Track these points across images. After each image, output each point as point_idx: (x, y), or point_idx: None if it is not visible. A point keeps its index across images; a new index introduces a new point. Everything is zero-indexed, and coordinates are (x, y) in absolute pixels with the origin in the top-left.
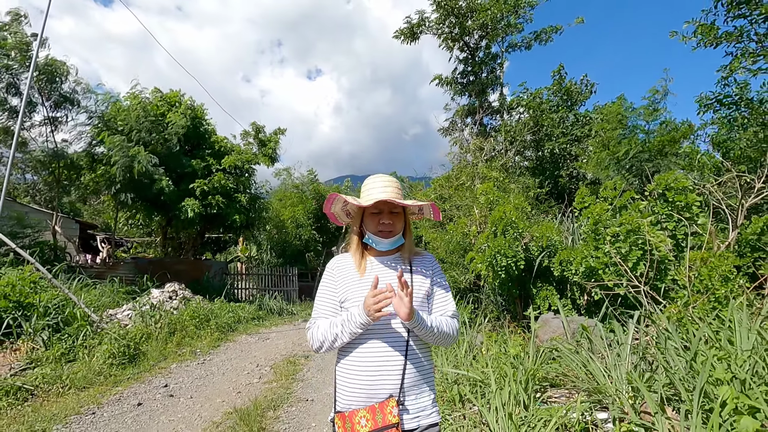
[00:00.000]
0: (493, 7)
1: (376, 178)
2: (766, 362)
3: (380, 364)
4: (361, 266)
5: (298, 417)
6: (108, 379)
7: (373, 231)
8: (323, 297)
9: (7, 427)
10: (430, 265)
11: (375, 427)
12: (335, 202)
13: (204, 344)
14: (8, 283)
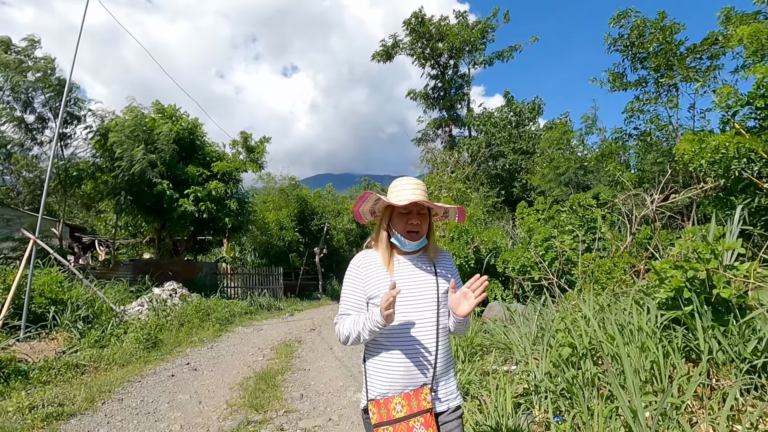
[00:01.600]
0: (461, 33)
1: (406, 180)
2: (596, 324)
3: (415, 355)
4: (390, 264)
5: (300, 379)
6: (140, 359)
7: (401, 231)
8: (350, 293)
9: (81, 389)
10: (450, 264)
11: (410, 411)
12: (367, 200)
13: (208, 334)
14: (43, 282)
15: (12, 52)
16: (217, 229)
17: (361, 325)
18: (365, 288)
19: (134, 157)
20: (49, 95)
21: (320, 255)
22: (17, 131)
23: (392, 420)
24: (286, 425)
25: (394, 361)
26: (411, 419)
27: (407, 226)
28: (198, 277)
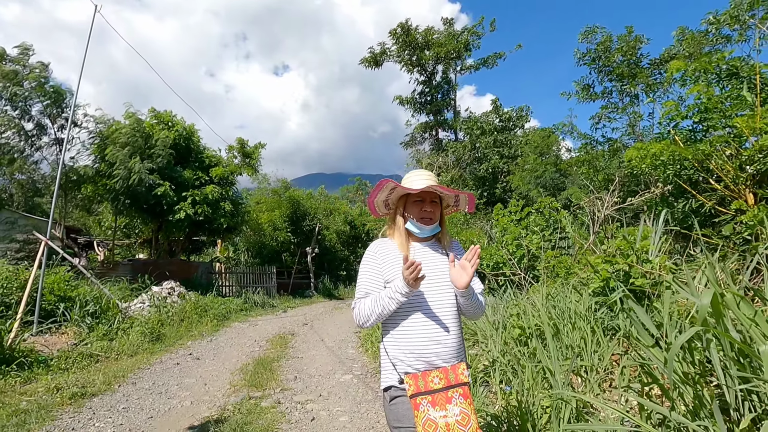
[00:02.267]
0: (447, 42)
1: (419, 171)
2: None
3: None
4: (405, 250)
5: (294, 365)
6: (146, 351)
7: (416, 217)
8: (369, 277)
9: (98, 375)
10: (460, 251)
11: (448, 384)
12: (383, 189)
13: (207, 329)
14: (52, 281)
15: (6, 62)
16: (212, 230)
17: (385, 300)
18: (383, 272)
19: (132, 169)
20: (45, 103)
21: (312, 254)
22: (18, 138)
23: (430, 390)
24: (282, 399)
25: (422, 341)
26: (450, 390)
27: (421, 212)
28: (194, 276)
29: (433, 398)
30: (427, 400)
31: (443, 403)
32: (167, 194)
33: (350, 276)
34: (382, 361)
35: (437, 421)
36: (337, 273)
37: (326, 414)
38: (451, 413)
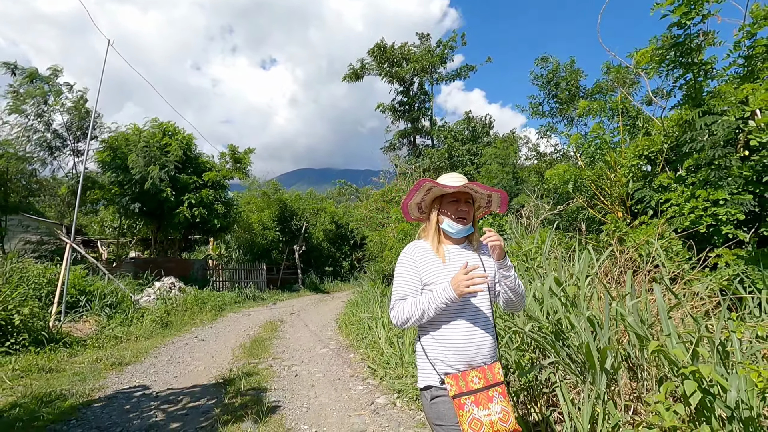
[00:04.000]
0: (421, 58)
1: (451, 174)
2: None
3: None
4: (440, 252)
5: (283, 343)
6: (158, 335)
7: (452, 215)
8: (406, 279)
9: (126, 351)
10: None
11: (488, 383)
12: (420, 190)
13: (207, 318)
14: (73, 277)
15: (37, 80)
16: (206, 230)
17: (426, 304)
18: (421, 274)
19: (150, 174)
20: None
21: (299, 252)
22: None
23: (472, 390)
24: (273, 364)
25: (460, 342)
26: (490, 389)
27: (458, 211)
28: (190, 272)
29: (476, 398)
30: (471, 400)
31: (486, 402)
32: (168, 198)
33: (336, 272)
34: (419, 361)
35: (482, 420)
36: (323, 269)
37: (306, 372)
38: (493, 411)
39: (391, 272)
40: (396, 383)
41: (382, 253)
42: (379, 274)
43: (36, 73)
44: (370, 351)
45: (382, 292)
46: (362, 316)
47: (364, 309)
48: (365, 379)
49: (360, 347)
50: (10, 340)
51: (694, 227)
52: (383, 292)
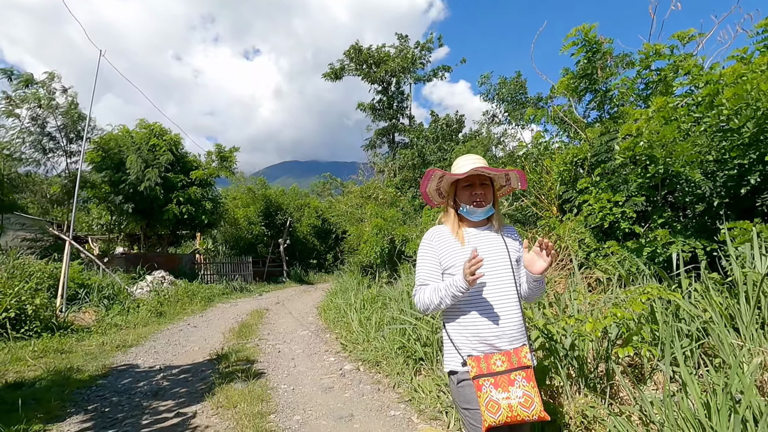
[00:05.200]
0: (396, 59)
1: (466, 156)
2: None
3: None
4: (459, 235)
5: (268, 327)
6: (154, 323)
7: (467, 202)
8: (427, 265)
9: (128, 336)
10: (515, 234)
11: (511, 366)
12: (432, 178)
13: (197, 308)
14: (72, 272)
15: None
16: (194, 226)
17: (443, 292)
18: (440, 259)
19: (146, 176)
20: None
21: (284, 245)
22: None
23: (493, 372)
24: (260, 344)
25: (483, 325)
26: (513, 372)
27: (472, 197)
28: (179, 266)
29: (496, 380)
30: (490, 382)
31: (506, 385)
32: (158, 196)
33: (320, 264)
34: (445, 346)
35: (500, 402)
36: (308, 261)
37: (288, 349)
38: (513, 395)
39: (368, 263)
40: (362, 354)
41: (359, 246)
42: (357, 265)
43: (32, 78)
44: (344, 331)
45: (359, 281)
46: (339, 303)
47: (341, 297)
48: (337, 352)
49: (336, 329)
50: (25, 327)
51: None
52: (360, 281)
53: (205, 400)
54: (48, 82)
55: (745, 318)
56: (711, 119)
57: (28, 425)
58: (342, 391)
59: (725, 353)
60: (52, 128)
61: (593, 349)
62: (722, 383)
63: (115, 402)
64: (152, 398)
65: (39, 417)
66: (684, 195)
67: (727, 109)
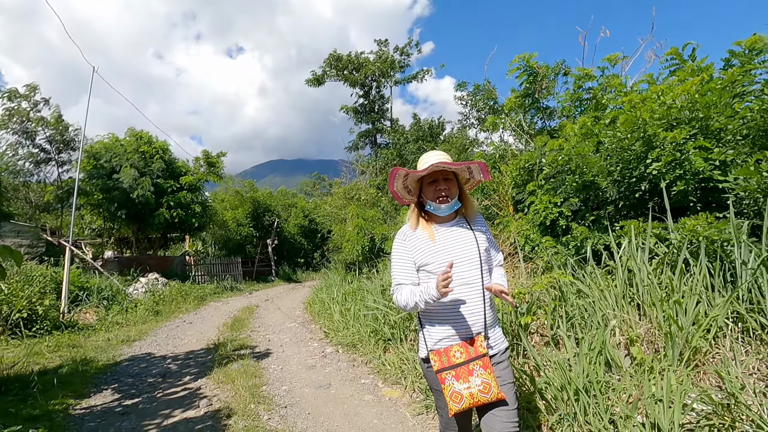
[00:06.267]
0: (375, 64)
1: (430, 152)
2: None
3: (467, 309)
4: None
5: (258, 321)
6: (152, 320)
7: (431, 199)
8: (401, 267)
9: (130, 332)
10: (483, 224)
11: (469, 357)
12: (397, 177)
13: (191, 306)
14: (73, 276)
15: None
16: (184, 229)
17: (417, 296)
18: (414, 257)
19: (140, 184)
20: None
21: (272, 245)
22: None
23: (453, 365)
24: (252, 335)
25: (449, 317)
26: (470, 363)
27: (436, 192)
28: (170, 268)
29: (457, 372)
30: (452, 375)
31: (466, 376)
32: (150, 201)
33: (308, 262)
34: (419, 335)
35: (462, 393)
36: (296, 260)
37: (276, 338)
38: (473, 384)
39: (352, 261)
40: (341, 340)
41: (343, 245)
42: (342, 262)
43: (16, 92)
44: (327, 321)
45: (342, 277)
46: (323, 297)
47: (326, 292)
48: (320, 339)
49: (320, 320)
50: (36, 326)
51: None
52: (343, 278)
53: (207, 378)
54: (30, 94)
55: (615, 293)
56: (611, 138)
57: (63, 400)
58: (323, 368)
59: (596, 318)
60: (41, 140)
61: (509, 321)
62: (588, 338)
63: (131, 383)
64: (162, 379)
65: (69, 395)
66: (598, 198)
67: (620, 132)
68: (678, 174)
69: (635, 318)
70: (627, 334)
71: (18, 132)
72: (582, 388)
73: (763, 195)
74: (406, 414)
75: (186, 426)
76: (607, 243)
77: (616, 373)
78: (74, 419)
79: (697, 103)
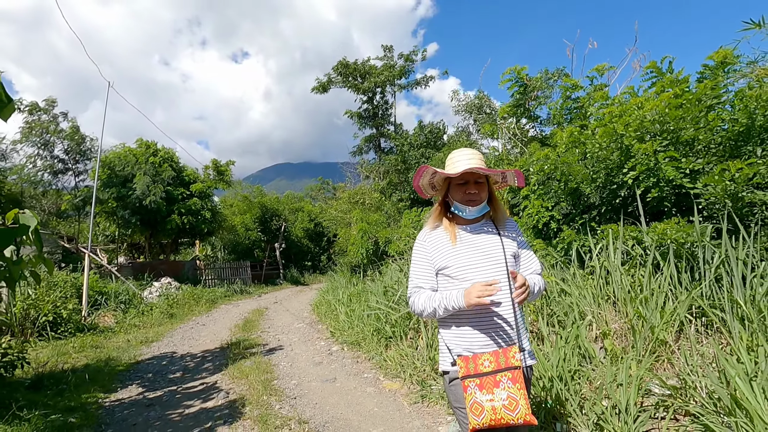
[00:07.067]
0: (382, 72)
1: (462, 150)
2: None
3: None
4: (451, 233)
5: (268, 322)
6: (167, 323)
7: (459, 200)
8: (420, 269)
9: (148, 333)
10: (514, 229)
11: (498, 367)
12: (424, 174)
13: (203, 309)
14: (91, 281)
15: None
16: (194, 234)
17: (437, 302)
18: (433, 260)
19: (152, 192)
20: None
21: (280, 249)
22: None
23: (480, 373)
24: (262, 335)
25: (474, 327)
26: (498, 374)
27: (465, 195)
28: (182, 272)
29: (481, 381)
30: (475, 383)
31: (491, 387)
32: (161, 208)
33: (314, 265)
34: (439, 345)
35: (483, 405)
36: (303, 263)
37: (286, 338)
38: (497, 397)
39: (357, 264)
40: (346, 338)
41: (348, 248)
42: (347, 265)
43: (36, 105)
44: (333, 321)
45: (348, 279)
46: (329, 299)
47: (332, 294)
48: (327, 339)
49: (326, 321)
50: (61, 328)
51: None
52: (348, 280)
53: (222, 374)
54: (49, 108)
55: (594, 292)
56: (592, 148)
57: (93, 394)
58: (329, 365)
59: (575, 315)
60: (59, 151)
61: None
62: (565, 334)
63: (152, 379)
64: (181, 375)
65: (98, 390)
66: (584, 203)
67: (599, 142)
68: (652, 182)
69: (611, 314)
70: (601, 329)
71: (37, 144)
72: (557, 376)
73: (731, 200)
74: (404, 403)
75: (206, 414)
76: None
77: (590, 363)
78: (105, 410)
79: (667, 116)
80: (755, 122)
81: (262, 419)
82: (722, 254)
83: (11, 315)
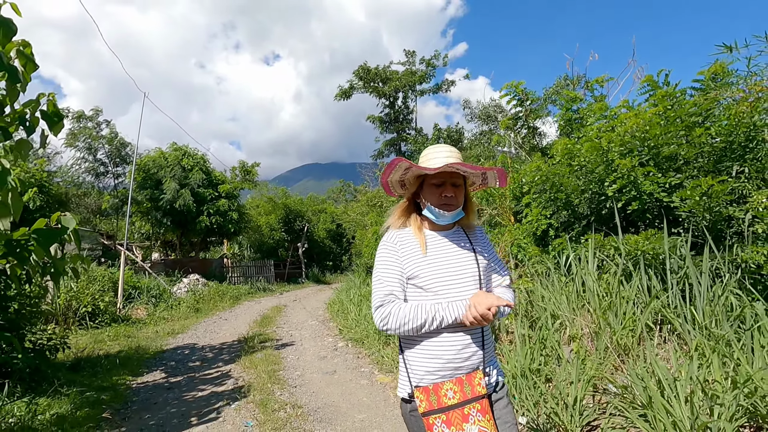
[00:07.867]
0: (403, 77)
1: (439, 146)
2: None
3: (463, 337)
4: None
5: (284, 318)
6: (193, 317)
7: (434, 203)
8: (390, 272)
9: (175, 326)
10: (484, 240)
11: (464, 398)
12: (396, 169)
13: (227, 305)
14: (126, 276)
15: (83, 119)
16: (222, 234)
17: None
18: (404, 267)
19: (181, 195)
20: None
21: (302, 249)
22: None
23: (444, 407)
24: (277, 330)
25: (442, 346)
26: (466, 406)
27: (441, 198)
28: (210, 269)
29: (448, 416)
30: (441, 420)
31: (459, 422)
32: (191, 210)
33: (336, 265)
34: (400, 367)
35: None
36: (325, 263)
37: (298, 334)
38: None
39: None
40: (353, 336)
41: (363, 250)
42: (363, 266)
43: (83, 114)
44: (342, 320)
45: (363, 280)
46: (342, 298)
47: (345, 294)
48: (335, 335)
49: (337, 319)
50: (99, 318)
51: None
52: (363, 280)
53: (236, 364)
54: (95, 116)
55: (569, 297)
56: (579, 161)
57: (123, 377)
58: (332, 359)
59: (547, 318)
60: (101, 155)
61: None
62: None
63: (175, 366)
64: (200, 364)
65: (127, 374)
66: (575, 213)
67: (586, 156)
68: (633, 195)
69: (586, 319)
70: (571, 333)
71: (82, 149)
72: (520, 374)
73: (708, 214)
74: (391, 395)
75: (216, 397)
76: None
77: (559, 364)
78: (132, 390)
79: (648, 134)
80: (736, 139)
81: (263, 403)
82: (685, 267)
83: (56, 306)
